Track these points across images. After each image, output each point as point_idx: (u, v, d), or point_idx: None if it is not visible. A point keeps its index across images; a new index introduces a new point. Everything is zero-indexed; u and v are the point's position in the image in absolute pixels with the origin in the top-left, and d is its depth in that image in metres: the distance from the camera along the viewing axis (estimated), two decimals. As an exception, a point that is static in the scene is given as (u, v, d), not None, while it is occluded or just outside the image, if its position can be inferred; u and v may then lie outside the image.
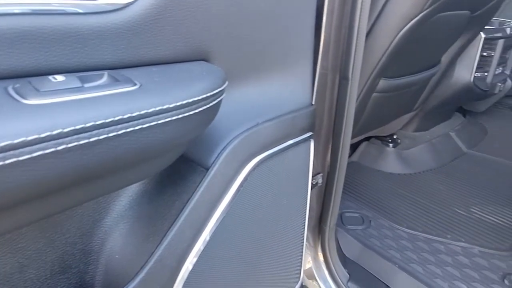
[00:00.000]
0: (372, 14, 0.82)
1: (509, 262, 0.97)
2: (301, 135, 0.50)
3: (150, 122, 0.25)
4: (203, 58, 0.39)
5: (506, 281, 0.91)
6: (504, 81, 1.50)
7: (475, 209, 1.19)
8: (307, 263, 1.00)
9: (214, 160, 0.38)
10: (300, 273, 0.72)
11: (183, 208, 0.36)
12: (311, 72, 0.53)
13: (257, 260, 0.51)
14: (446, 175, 1.43)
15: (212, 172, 0.38)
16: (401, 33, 0.83)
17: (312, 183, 0.89)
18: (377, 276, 0.97)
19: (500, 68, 1.46)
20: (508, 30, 1.35)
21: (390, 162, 1.51)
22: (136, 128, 0.25)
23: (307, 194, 0.61)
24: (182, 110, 0.28)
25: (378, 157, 1.54)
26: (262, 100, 0.45)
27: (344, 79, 0.74)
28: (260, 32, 0.42)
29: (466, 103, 1.82)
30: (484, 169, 1.45)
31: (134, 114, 0.24)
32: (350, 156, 1.62)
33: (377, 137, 1.59)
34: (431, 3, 0.77)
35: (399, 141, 1.58)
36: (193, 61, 0.38)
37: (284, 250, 0.59)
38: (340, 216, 1.19)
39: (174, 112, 0.27)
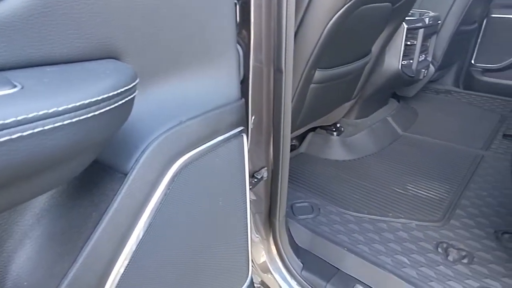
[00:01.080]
0: (300, 7, 0.84)
1: (441, 232, 1.06)
2: (231, 130, 0.49)
3: (32, 129, 0.22)
4: (113, 56, 0.36)
5: (439, 249, 0.99)
6: (427, 67, 1.64)
7: (410, 186, 1.29)
8: (261, 257, 1.01)
9: (133, 164, 0.35)
10: (248, 270, 0.71)
11: (100, 220, 0.33)
12: (237, 66, 0.53)
13: (197, 265, 0.50)
14: (386, 157, 1.52)
15: (131, 177, 0.35)
16: (329, 24, 0.86)
17: (257, 178, 0.89)
18: (328, 261, 1.00)
19: (423, 55, 1.59)
20: (426, 20, 1.47)
21: (336, 150, 1.58)
22: (14, 136, 0.21)
23: (245, 190, 0.60)
24: (78, 112, 0.25)
25: (324, 146, 1.60)
26: (185, 98, 0.43)
27: (278, 71, 0.75)
28: (175, 27, 0.40)
29: (398, 89, 1.95)
30: (417, 149, 1.57)
31: (8, 121, 0.21)
32: (297, 147, 1.66)
33: (322, 127, 1.64)
34: (354, -5, 0.81)
35: (342, 129, 1.65)
36: (100, 59, 0.35)
37: (227, 250, 0.58)
38: (291, 207, 1.22)
39: (67, 115, 0.24)
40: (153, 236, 0.39)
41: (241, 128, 0.52)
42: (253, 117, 0.80)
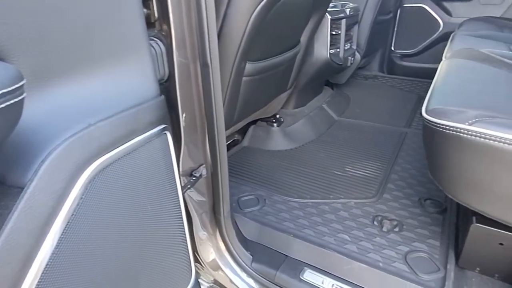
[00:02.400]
0: (222, 0, 0.83)
1: (376, 206, 1.14)
2: (151, 129, 0.47)
3: None
4: (-4, 57, 0.32)
5: (375, 222, 1.07)
6: (353, 55, 1.75)
7: (348, 168, 1.37)
8: (210, 254, 0.99)
9: (32, 176, 0.32)
10: (191, 272, 0.70)
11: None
12: (151, 62, 0.50)
13: (129, 275, 0.47)
14: (324, 143, 1.60)
15: (29, 190, 0.31)
16: (253, 16, 0.86)
17: (195, 176, 0.87)
18: (276, 250, 1.02)
19: (348, 44, 1.69)
20: (348, 11, 1.56)
21: (277, 140, 1.61)
22: None
23: (177, 189, 0.58)
24: None
25: (266, 138, 1.62)
26: (94, 98, 0.39)
27: (204, 66, 0.73)
28: (69, 22, 0.36)
29: (330, 77, 2.05)
30: (351, 132, 1.67)
31: None
32: (240, 141, 1.66)
33: (262, 119, 1.66)
34: (273, -13, 0.82)
35: (282, 119, 1.69)
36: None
37: (163, 254, 0.56)
38: (237, 201, 1.22)
39: None
40: (67, 254, 0.35)
41: (163, 126, 0.50)
42: (184, 115, 0.78)
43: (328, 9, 1.51)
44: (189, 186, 0.83)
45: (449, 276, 0.86)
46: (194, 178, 0.86)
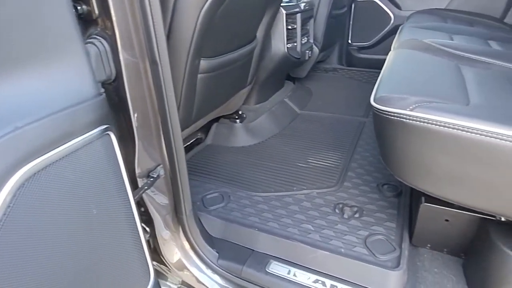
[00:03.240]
0: (169, -5, 0.81)
1: (337, 195, 1.18)
2: (90, 130, 0.45)
3: None
4: None
5: (336, 210, 1.10)
6: (311, 48, 1.79)
7: (311, 159, 1.40)
8: (175, 254, 0.98)
9: None
10: (149, 275, 0.68)
11: None
12: (87, 61, 0.48)
13: (77, 284, 0.45)
14: (287, 136, 1.62)
15: None
16: (203, 11, 0.85)
17: (153, 177, 0.85)
18: (242, 245, 1.03)
19: (305, 38, 1.72)
20: (302, 6, 1.59)
21: (240, 136, 1.61)
22: None
23: (126, 192, 0.57)
24: None
25: (229, 135, 1.62)
26: (21, 100, 0.37)
27: (153, 64, 0.72)
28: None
29: (290, 71, 2.08)
30: (313, 124, 1.71)
31: None
32: (204, 139, 1.64)
33: (224, 116, 1.66)
34: (220, -18, 0.82)
35: (244, 115, 1.69)
36: None
37: (115, 259, 0.55)
38: (202, 200, 1.21)
39: None
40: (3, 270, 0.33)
41: (104, 126, 0.48)
42: (135, 115, 0.76)
43: (283, 4, 1.53)
44: (146, 187, 0.82)
45: (404, 254, 0.91)
46: (151, 179, 0.84)
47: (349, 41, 2.47)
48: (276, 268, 0.95)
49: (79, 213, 0.44)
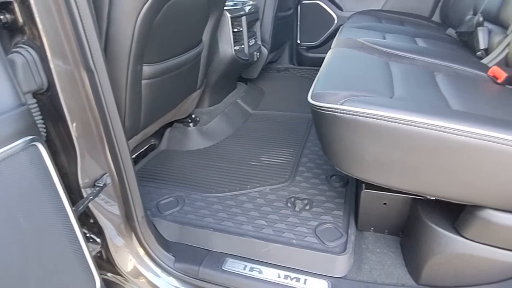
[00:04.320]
0: (103, 2, 0.80)
1: (289, 189, 1.23)
2: (11, 143, 0.44)
3: None
4: None
5: (288, 204, 1.15)
6: (259, 50, 1.84)
7: (263, 157, 1.45)
8: (129, 262, 0.97)
9: None
10: (94, 285, 0.68)
11: None
12: (6, 71, 0.47)
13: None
14: (241, 137, 1.65)
15: None
16: (139, 18, 0.85)
17: (99, 186, 0.84)
18: (198, 246, 1.04)
19: (253, 40, 1.77)
20: (247, 9, 1.63)
21: (195, 140, 1.62)
22: None
23: (61, 203, 0.56)
24: None
25: (183, 139, 1.62)
26: None
27: (89, 72, 0.71)
28: None
29: (241, 73, 2.12)
30: (266, 123, 1.76)
31: None
32: (158, 145, 1.63)
33: (178, 121, 1.65)
34: (154, -12, 0.83)
35: (198, 119, 1.70)
36: None
37: (52, 275, 0.53)
38: (156, 206, 1.20)
39: None
40: None
41: (30, 137, 0.47)
42: (74, 124, 0.75)
43: (228, 8, 1.56)
44: (91, 197, 0.80)
45: (350, 239, 0.98)
46: (97, 188, 0.83)
47: (298, 41, 2.56)
48: (232, 265, 0.97)
49: (5, 227, 0.43)
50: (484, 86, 1.01)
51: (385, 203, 0.97)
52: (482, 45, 1.25)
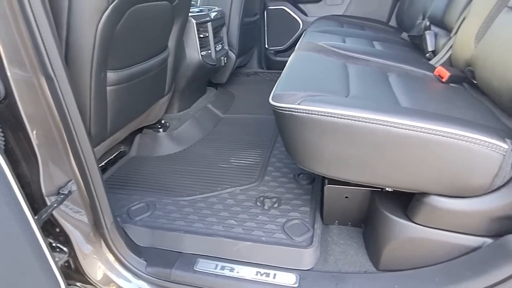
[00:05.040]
0: (61, 9, 0.81)
1: (258, 189, 1.27)
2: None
3: None
4: None
5: (258, 203, 1.19)
6: (226, 55, 1.88)
7: (233, 160, 1.48)
8: (98, 269, 0.96)
9: None
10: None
11: None
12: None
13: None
14: (211, 140, 1.67)
15: None
16: (100, 25, 0.86)
17: (63, 193, 0.83)
18: (170, 249, 1.05)
19: (220, 45, 1.80)
20: (212, 15, 1.66)
21: (165, 145, 1.62)
22: None
23: (22, 212, 0.56)
24: None
25: (154, 145, 1.61)
26: None
27: (49, 79, 0.71)
28: None
29: (209, 77, 2.14)
30: (236, 127, 1.80)
31: None
32: (128, 152, 1.61)
33: (147, 127, 1.65)
34: (115, -4, 0.84)
35: (168, 124, 1.70)
36: None
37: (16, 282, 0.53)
38: (127, 212, 1.19)
39: None
40: None
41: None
42: (34, 132, 0.74)
43: (193, 14, 1.58)
44: (55, 205, 0.79)
45: (316, 233, 1.03)
46: (62, 196, 0.82)
47: (266, 46, 2.63)
48: (204, 265, 0.99)
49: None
50: (431, 84, 1.10)
51: (346, 197, 1.02)
52: (430, 47, 1.36)
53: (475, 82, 1.05)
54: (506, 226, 0.72)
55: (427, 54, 1.38)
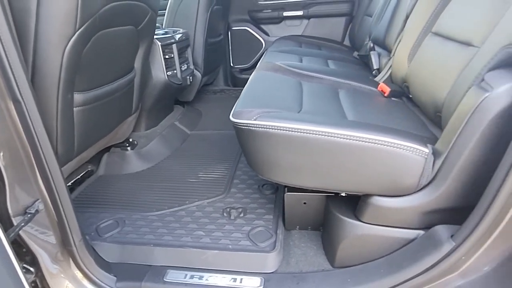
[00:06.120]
0: (28, 36, 0.85)
1: (225, 201, 1.33)
2: None
3: None
4: None
5: (224, 214, 1.25)
6: (192, 74, 1.96)
7: (201, 174, 1.53)
8: None
9: None
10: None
11: None
12: None
13: None
14: (179, 157, 1.72)
15: None
16: (67, 50, 0.91)
17: (30, 212, 0.85)
18: (140, 263, 1.08)
19: (185, 65, 1.88)
20: (177, 37, 1.75)
21: (134, 163, 1.65)
22: None
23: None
24: None
25: (122, 163, 1.64)
26: None
27: (16, 102, 0.75)
28: None
29: (178, 96, 2.21)
30: (203, 143, 1.86)
31: None
32: (95, 171, 1.62)
33: (115, 145, 1.67)
34: (81, 24, 0.90)
35: (135, 142, 1.73)
36: None
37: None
38: (96, 229, 1.21)
39: None
40: None
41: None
42: (1, 153, 0.77)
43: (159, 36, 1.66)
44: (22, 224, 0.81)
45: (279, 238, 1.10)
46: (28, 215, 0.84)
47: (231, 64, 2.74)
48: (173, 276, 1.03)
49: None
50: (375, 99, 1.24)
51: (305, 203, 1.12)
52: (375, 65, 1.52)
53: (410, 96, 1.20)
54: (434, 219, 0.84)
55: (373, 72, 1.54)
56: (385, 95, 1.25)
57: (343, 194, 1.06)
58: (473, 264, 0.76)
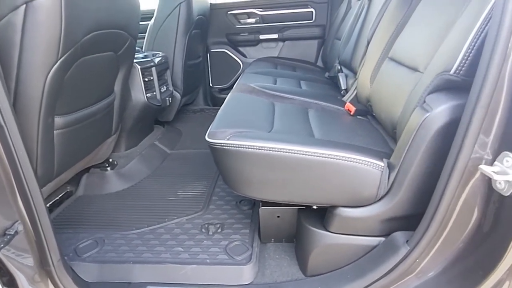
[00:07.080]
0: (11, 64, 0.90)
1: (204, 217, 1.38)
2: None
3: None
4: None
5: (203, 230, 1.30)
6: (171, 95, 2.02)
7: (180, 192, 1.58)
8: (43, 311, 0.98)
9: None
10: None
11: None
12: None
13: None
14: (159, 176, 1.76)
15: None
16: (49, 77, 0.96)
17: (10, 234, 0.88)
18: (119, 281, 1.10)
19: (164, 86, 1.95)
20: (156, 60, 1.82)
21: (114, 183, 1.67)
22: None
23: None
24: None
25: (102, 183, 1.66)
26: None
27: (-1, 127, 0.79)
28: None
29: (157, 116, 2.26)
30: (183, 162, 1.91)
31: None
32: (75, 192, 1.63)
33: (95, 166, 1.69)
34: (63, 53, 0.96)
35: (115, 162, 1.76)
36: None
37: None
38: (74, 250, 1.22)
39: None
40: None
41: None
42: (-19, 176, 0.80)
43: (138, 60, 1.73)
44: (2, 245, 0.84)
45: (255, 251, 1.16)
46: (8, 237, 0.86)
47: (211, 84, 2.83)
48: (152, 292, 1.06)
49: None
50: (342, 118, 1.34)
51: (278, 216, 1.18)
52: (343, 86, 1.64)
53: (374, 114, 1.31)
54: (392, 226, 0.92)
55: (342, 92, 1.66)
56: (351, 114, 1.36)
57: (315, 207, 1.13)
58: (426, 266, 0.84)
